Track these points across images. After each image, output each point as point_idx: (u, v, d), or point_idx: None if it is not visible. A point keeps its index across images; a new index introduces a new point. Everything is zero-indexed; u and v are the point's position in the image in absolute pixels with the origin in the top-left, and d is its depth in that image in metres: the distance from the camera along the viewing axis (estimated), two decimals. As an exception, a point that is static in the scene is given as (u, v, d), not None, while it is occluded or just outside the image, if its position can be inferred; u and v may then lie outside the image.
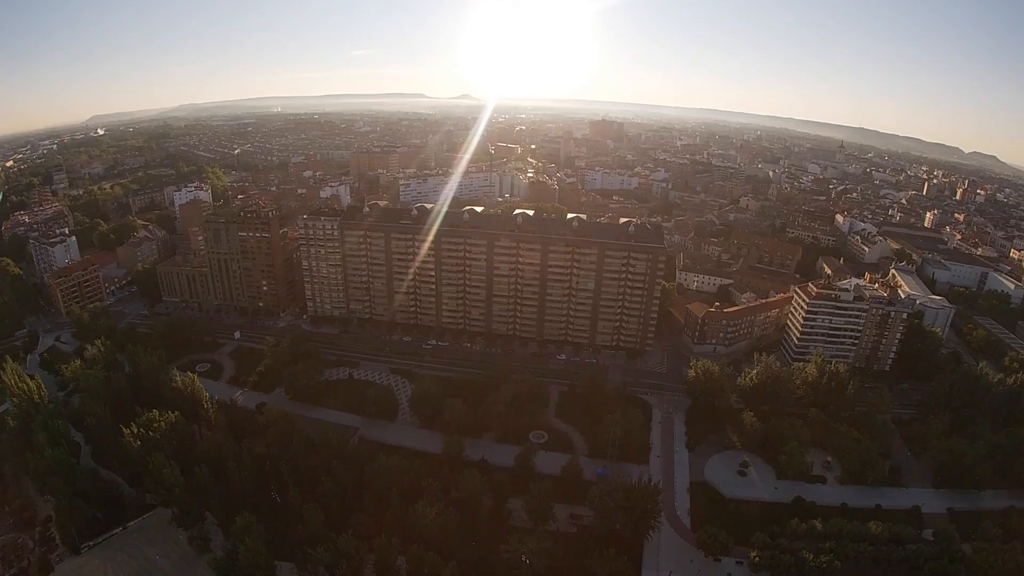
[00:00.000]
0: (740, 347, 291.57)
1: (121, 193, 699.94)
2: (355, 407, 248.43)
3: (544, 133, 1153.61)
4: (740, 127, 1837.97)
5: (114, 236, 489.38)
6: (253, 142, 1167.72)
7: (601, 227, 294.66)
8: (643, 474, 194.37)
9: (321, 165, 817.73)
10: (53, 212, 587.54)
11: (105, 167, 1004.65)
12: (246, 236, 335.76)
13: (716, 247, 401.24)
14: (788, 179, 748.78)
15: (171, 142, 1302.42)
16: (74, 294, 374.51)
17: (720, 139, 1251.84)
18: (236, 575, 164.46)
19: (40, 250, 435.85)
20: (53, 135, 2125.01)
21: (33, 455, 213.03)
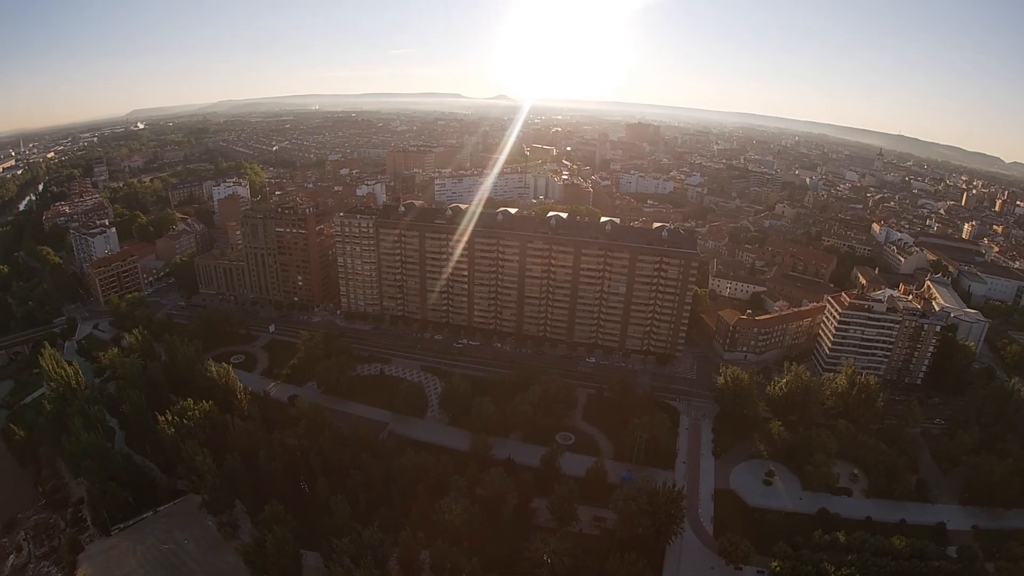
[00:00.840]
0: (771, 356, 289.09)
1: (160, 187, 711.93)
2: (385, 403, 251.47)
3: (580, 135, 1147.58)
4: (778, 132, 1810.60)
5: (153, 228, 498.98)
6: (291, 139, 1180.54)
7: (634, 231, 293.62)
8: (668, 480, 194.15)
9: (358, 163, 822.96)
10: (93, 203, 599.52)
11: (145, 160, 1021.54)
12: (283, 232, 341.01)
13: (750, 254, 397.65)
14: (825, 186, 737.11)
15: (210, 137, 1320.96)
16: (113, 284, 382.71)
17: (757, 144, 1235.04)
18: (263, 562, 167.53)
19: (80, 240, 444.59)
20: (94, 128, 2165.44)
21: (68, 438, 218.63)
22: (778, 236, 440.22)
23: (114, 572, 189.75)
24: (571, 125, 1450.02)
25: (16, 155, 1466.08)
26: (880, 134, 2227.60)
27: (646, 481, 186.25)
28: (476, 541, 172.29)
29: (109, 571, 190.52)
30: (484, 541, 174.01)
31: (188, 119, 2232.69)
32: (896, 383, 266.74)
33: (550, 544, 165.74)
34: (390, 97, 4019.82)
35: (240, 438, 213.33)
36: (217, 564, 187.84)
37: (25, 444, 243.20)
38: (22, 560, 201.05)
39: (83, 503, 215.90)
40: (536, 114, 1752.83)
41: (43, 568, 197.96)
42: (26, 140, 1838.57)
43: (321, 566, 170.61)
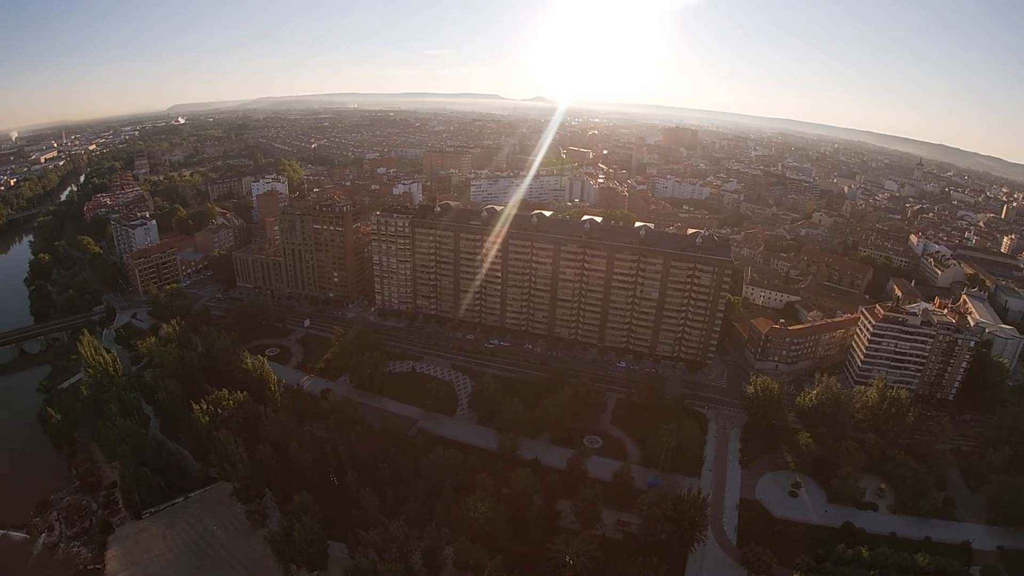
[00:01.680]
0: (803, 366, 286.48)
1: (200, 181, 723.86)
2: (416, 400, 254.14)
3: (617, 138, 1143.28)
4: (817, 139, 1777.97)
5: (192, 222, 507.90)
6: (329, 137, 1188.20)
7: (668, 237, 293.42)
8: (693, 487, 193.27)
9: (395, 162, 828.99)
10: (134, 196, 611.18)
11: (185, 155, 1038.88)
12: (320, 229, 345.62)
13: (785, 262, 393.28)
14: (863, 195, 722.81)
15: (250, 133, 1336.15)
16: (152, 275, 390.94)
17: (796, 151, 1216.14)
18: (290, 550, 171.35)
19: (121, 231, 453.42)
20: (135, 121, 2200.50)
21: (105, 423, 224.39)
22: (814, 245, 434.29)
23: (143, 554, 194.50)
24: (608, 128, 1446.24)
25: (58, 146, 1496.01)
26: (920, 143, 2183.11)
27: (671, 487, 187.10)
28: (500, 539, 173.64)
29: (139, 553, 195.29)
30: (508, 540, 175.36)
31: (228, 115, 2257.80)
32: (927, 398, 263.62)
33: (573, 545, 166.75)
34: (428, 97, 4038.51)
35: (272, 429, 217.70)
36: (244, 551, 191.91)
37: (61, 428, 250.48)
38: (53, 539, 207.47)
39: (116, 486, 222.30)
40: (574, 116, 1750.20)
41: (73, 548, 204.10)
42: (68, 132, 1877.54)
43: (346, 557, 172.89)
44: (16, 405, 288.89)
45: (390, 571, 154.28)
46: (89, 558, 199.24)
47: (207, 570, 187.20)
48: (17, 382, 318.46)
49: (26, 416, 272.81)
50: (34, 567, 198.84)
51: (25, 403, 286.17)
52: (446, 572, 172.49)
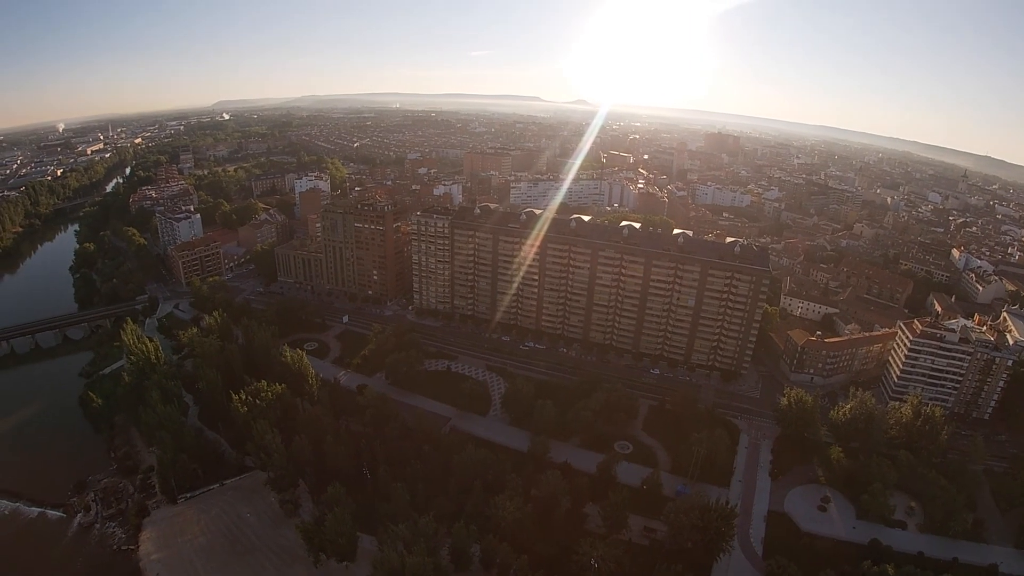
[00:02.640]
0: (838, 380, 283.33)
1: (244, 177, 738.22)
2: (450, 398, 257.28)
3: (658, 143, 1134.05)
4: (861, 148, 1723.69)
5: (236, 217, 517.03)
6: (372, 136, 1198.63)
7: (706, 245, 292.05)
8: (722, 497, 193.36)
9: (436, 163, 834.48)
10: (179, 190, 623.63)
11: (229, 150, 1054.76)
12: (361, 227, 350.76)
13: (825, 274, 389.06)
14: (906, 207, 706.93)
15: (293, 131, 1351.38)
16: (195, 267, 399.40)
17: (839, 160, 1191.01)
18: (320, 540, 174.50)
19: (166, 224, 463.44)
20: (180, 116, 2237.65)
21: (145, 409, 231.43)
22: (854, 257, 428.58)
23: (177, 538, 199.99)
24: (649, 132, 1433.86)
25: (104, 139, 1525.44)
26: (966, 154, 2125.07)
27: (700, 496, 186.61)
28: (526, 540, 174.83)
29: (172, 536, 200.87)
30: (534, 540, 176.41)
31: (272, 112, 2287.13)
32: (963, 417, 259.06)
33: (599, 549, 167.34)
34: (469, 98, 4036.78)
35: (309, 421, 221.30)
36: (276, 538, 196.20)
37: (101, 412, 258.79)
38: (89, 519, 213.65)
39: (153, 471, 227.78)
40: (615, 120, 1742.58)
41: (109, 528, 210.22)
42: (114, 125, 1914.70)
43: (375, 550, 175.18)
44: (58, 388, 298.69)
45: (418, 565, 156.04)
46: (123, 539, 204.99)
47: (239, 556, 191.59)
48: (60, 366, 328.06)
49: (67, 399, 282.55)
50: (69, 545, 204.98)
51: (67, 387, 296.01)
52: (472, 569, 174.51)
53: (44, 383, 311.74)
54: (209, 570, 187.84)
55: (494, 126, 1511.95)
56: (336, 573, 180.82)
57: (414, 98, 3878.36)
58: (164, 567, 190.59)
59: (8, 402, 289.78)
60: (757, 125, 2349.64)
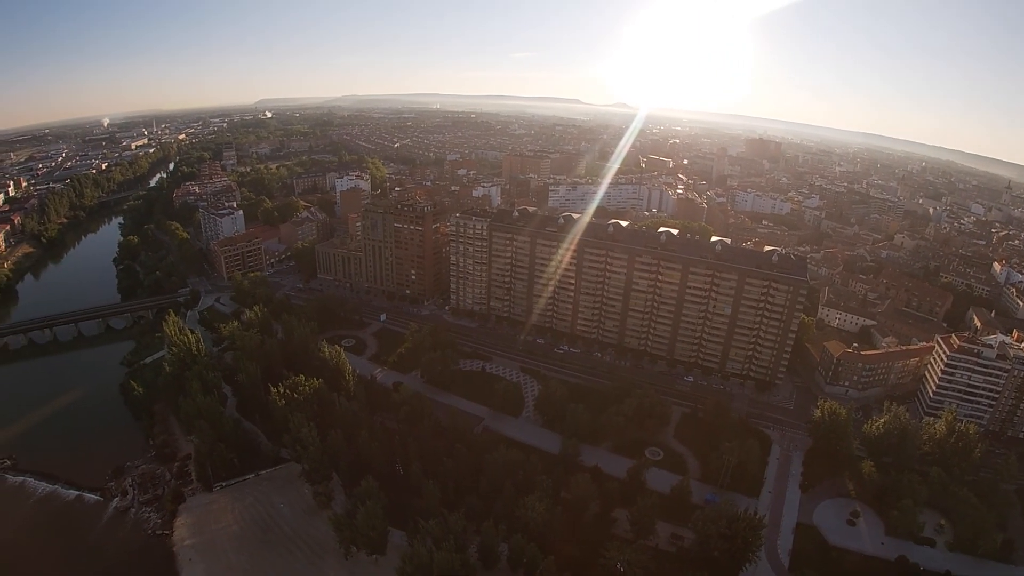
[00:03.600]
0: (873, 393, 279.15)
1: (286, 174, 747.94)
2: (484, 399, 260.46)
3: (698, 148, 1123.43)
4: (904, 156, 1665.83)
5: (277, 214, 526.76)
6: (412, 137, 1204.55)
7: (744, 253, 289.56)
8: (751, 507, 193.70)
9: (475, 164, 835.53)
10: (222, 186, 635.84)
11: (272, 148, 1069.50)
12: (401, 227, 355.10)
13: (864, 284, 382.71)
14: (948, 218, 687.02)
15: (334, 130, 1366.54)
16: (237, 262, 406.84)
17: (882, 168, 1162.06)
18: (352, 533, 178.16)
19: (209, 219, 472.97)
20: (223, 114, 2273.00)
21: (185, 399, 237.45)
22: (894, 268, 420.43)
23: (211, 525, 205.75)
24: (690, 137, 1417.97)
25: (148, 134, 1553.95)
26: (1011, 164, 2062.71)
27: (729, 505, 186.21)
28: (554, 541, 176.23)
29: (206, 523, 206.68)
30: (562, 542, 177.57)
31: (314, 111, 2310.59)
32: (998, 435, 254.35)
33: (625, 554, 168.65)
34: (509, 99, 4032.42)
35: (344, 416, 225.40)
36: (308, 529, 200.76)
37: (141, 400, 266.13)
38: (126, 504, 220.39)
39: (190, 459, 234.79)
40: (656, 123, 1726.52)
41: (144, 513, 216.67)
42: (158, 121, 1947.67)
43: (405, 544, 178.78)
44: (100, 376, 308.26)
45: (446, 561, 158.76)
46: (158, 524, 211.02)
47: (271, 545, 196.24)
48: (101, 355, 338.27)
49: (108, 387, 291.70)
50: (105, 528, 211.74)
51: (108, 374, 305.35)
52: (500, 568, 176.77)
53: (86, 370, 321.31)
54: (241, 557, 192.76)
55: (534, 128, 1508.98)
56: (365, 566, 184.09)
57: (454, 99, 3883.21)
58: (197, 553, 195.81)
59: (50, 388, 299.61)
60: (799, 131, 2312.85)
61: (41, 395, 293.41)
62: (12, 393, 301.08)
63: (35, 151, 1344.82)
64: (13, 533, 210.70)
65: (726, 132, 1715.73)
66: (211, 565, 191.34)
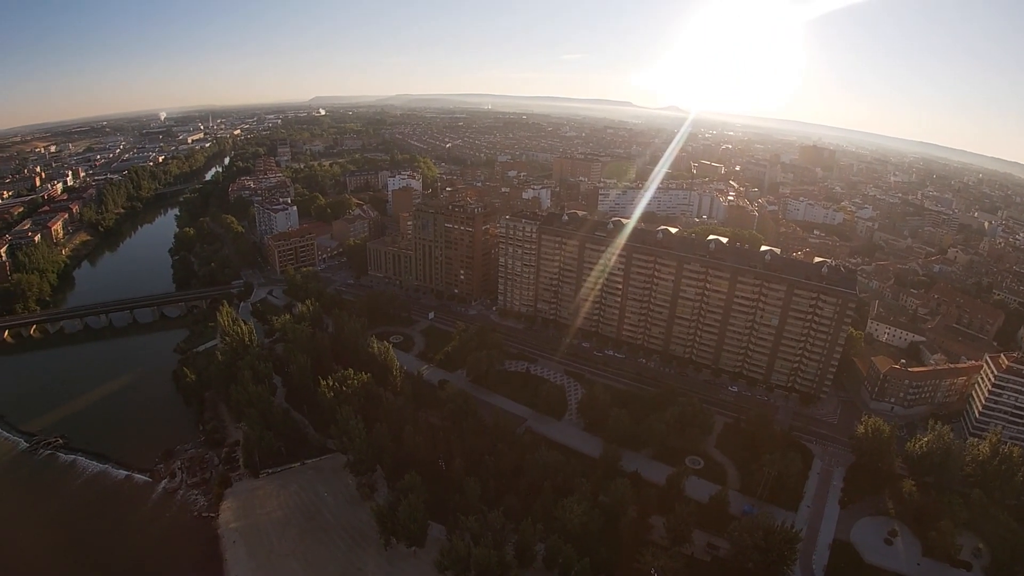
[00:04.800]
0: (918, 411, 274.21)
1: (339, 172, 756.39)
2: (527, 400, 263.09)
3: (751, 154, 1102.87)
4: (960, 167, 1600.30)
5: (330, 210, 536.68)
6: (463, 137, 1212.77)
7: (793, 264, 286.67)
8: (788, 520, 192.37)
9: (525, 166, 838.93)
10: (276, 182, 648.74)
11: (325, 145, 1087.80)
12: (451, 228, 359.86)
13: (914, 299, 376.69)
14: (1004, 233, 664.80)
15: (387, 129, 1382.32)
16: (290, 257, 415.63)
17: (937, 179, 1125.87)
18: (393, 524, 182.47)
19: (263, 214, 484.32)
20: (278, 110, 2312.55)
21: (237, 388, 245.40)
22: (946, 283, 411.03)
23: (256, 510, 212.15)
24: (742, 143, 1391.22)
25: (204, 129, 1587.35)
26: None
27: (766, 517, 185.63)
28: (590, 544, 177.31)
29: (251, 508, 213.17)
30: (597, 545, 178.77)
31: (367, 110, 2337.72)
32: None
33: (660, 560, 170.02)
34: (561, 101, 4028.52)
35: (391, 411, 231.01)
36: (350, 519, 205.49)
37: (193, 387, 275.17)
38: (174, 485, 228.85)
39: (238, 445, 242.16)
40: (707, 127, 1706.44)
41: (192, 495, 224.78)
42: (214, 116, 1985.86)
43: (444, 538, 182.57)
44: (153, 362, 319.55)
45: (483, 557, 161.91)
46: (205, 506, 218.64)
47: (313, 532, 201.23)
48: (155, 341, 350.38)
49: (161, 373, 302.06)
50: (153, 508, 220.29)
51: (161, 361, 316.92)
52: (535, 567, 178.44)
53: (139, 356, 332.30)
54: (284, 542, 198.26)
55: (584, 130, 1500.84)
56: (404, 558, 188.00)
57: (506, 100, 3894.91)
58: (241, 536, 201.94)
59: (104, 371, 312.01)
60: (854, 138, 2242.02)
61: (95, 378, 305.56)
62: (67, 375, 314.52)
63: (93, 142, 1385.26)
64: (62, 509, 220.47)
65: (779, 138, 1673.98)
66: (254, 548, 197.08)
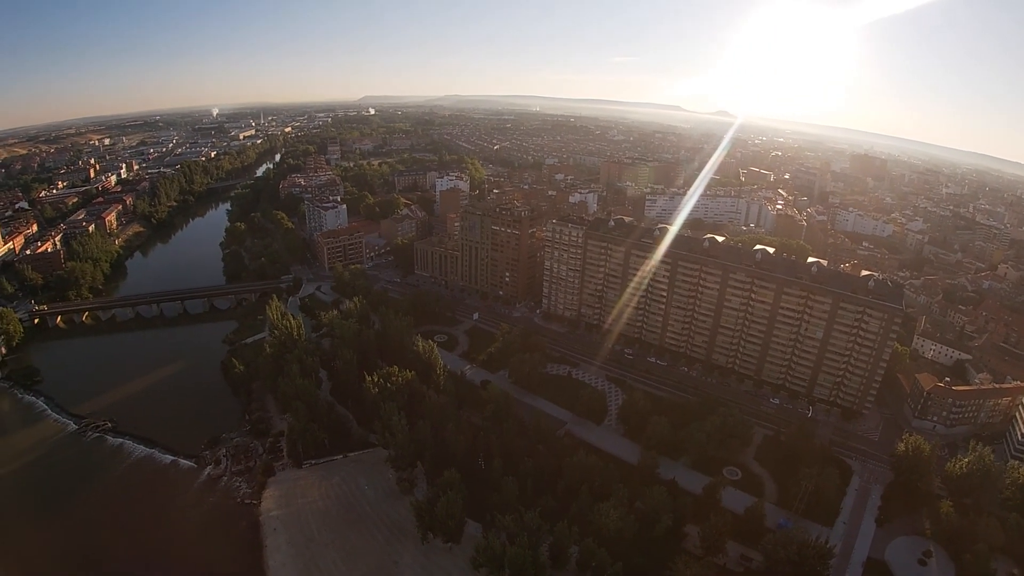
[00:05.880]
0: (961, 431, 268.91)
1: (387, 171, 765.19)
2: (568, 403, 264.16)
3: (801, 162, 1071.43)
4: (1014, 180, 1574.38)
5: (379, 209, 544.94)
6: (511, 139, 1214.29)
7: (839, 276, 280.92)
8: (823, 536, 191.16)
9: (573, 169, 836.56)
10: (326, 180, 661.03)
11: (374, 144, 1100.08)
12: (498, 230, 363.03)
13: (962, 316, 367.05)
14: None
15: (435, 129, 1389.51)
16: (338, 254, 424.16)
17: (991, 192, 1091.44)
18: (431, 519, 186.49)
19: (313, 211, 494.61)
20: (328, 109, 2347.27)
21: (283, 380, 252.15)
22: (995, 300, 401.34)
23: (297, 499, 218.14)
24: (792, 150, 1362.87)
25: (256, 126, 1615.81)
26: None
27: (801, 532, 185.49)
28: (624, 549, 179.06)
29: (293, 497, 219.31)
30: (631, 551, 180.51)
31: (415, 110, 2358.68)
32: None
33: (693, 569, 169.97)
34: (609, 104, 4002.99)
35: (433, 409, 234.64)
36: (389, 512, 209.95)
37: (241, 377, 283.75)
38: (218, 472, 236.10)
39: (283, 436, 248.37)
40: (757, 134, 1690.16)
41: (235, 482, 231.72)
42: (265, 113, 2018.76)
43: (480, 536, 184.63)
44: (203, 351, 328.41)
45: (518, 556, 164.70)
46: (248, 493, 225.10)
47: (351, 523, 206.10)
48: (205, 332, 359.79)
49: (210, 362, 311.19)
50: (197, 493, 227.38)
51: (211, 351, 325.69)
52: (568, 568, 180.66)
53: (189, 346, 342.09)
54: (323, 532, 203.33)
55: (632, 134, 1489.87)
56: (440, 552, 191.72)
57: (554, 102, 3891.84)
58: (282, 523, 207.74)
59: (153, 359, 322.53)
60: (906, 147, 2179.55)
61: (144, 365, 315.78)
62: (117, 361, 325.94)
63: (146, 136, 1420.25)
64: (107, 490, 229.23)
65: (830, 145, 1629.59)
66: (294, 536, 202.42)
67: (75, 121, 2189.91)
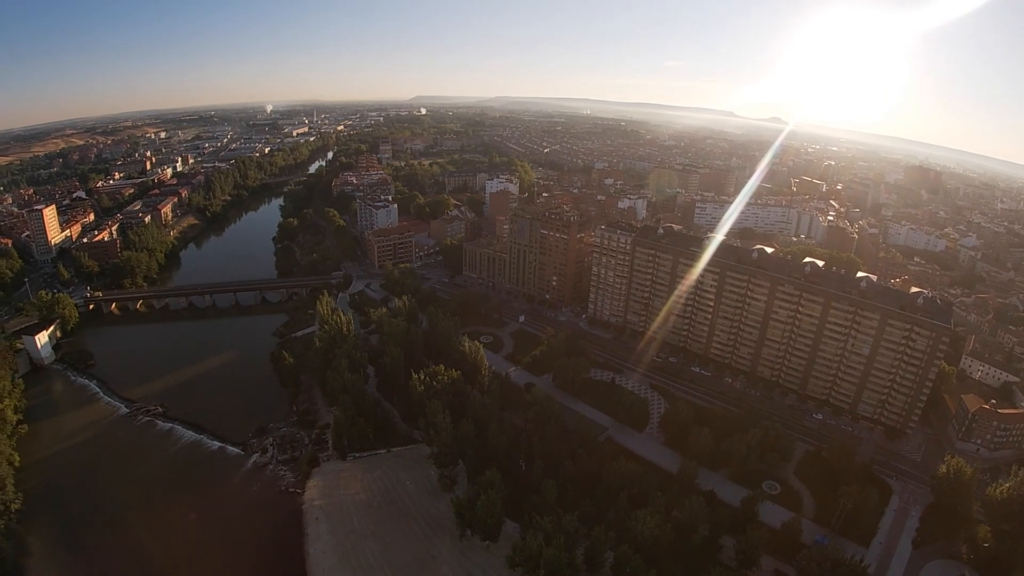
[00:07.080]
0: (1005, 455, 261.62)
1: (438, 172, 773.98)
2: (610, 409, 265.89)
3: (854, 172, 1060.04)
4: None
5: (429, 210, 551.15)
6: (561, 142, 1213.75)
7: (888, 292, 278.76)
8: (859, 555, 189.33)
9: (622, 174, 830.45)
10: (378, 179, 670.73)
11: (425, 145, 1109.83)
12: (547, 234, 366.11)
13: (1012, 336, 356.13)
14: None
15: (486, 131, 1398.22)
16: (388, 252, 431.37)
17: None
18: (470, 517, 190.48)
19: (365, 210, 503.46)
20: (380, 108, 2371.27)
21: (332, 374, 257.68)
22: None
23: (340, 490, 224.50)
24: (845, 159, 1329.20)
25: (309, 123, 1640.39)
26: None
27: (837, 550, 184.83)
28: (659, 557, 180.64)
29: (336, 488, 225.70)
30: (666, 559, 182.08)
31: (466, 111, 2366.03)
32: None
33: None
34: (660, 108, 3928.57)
35: (477, 409, 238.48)
36: (429, 508, 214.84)
37: (290, 370, 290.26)
38: (264, 460, 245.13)
39: (329, 428, 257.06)
40: (811, 142, 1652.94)
41: (280, 471, 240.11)
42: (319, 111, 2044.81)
43: (517, 536, 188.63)
44: (253, 343, 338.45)
45: (554, 557, 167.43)
46: (292, 482, 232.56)
47: (392, 517, 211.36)
48: (256, 324, 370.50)
49: (260, 354, 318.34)
50: (243, 479, 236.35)
51: (261, 343, 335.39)
52: (603, 573, 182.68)
53: (240, 337, 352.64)
54: (364, 523, 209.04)
55: (683, 140, 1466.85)
56: (477, 550, 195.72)
57: (604, 105, 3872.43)
58: (324, 513, 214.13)
59: (205, 348, 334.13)
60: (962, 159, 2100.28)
61: (195, 354, 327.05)
62: (170, 348, 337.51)
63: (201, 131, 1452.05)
64: (156, 472, 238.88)
65: (885, 156, 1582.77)
66: (335, 526, 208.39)
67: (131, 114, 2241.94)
